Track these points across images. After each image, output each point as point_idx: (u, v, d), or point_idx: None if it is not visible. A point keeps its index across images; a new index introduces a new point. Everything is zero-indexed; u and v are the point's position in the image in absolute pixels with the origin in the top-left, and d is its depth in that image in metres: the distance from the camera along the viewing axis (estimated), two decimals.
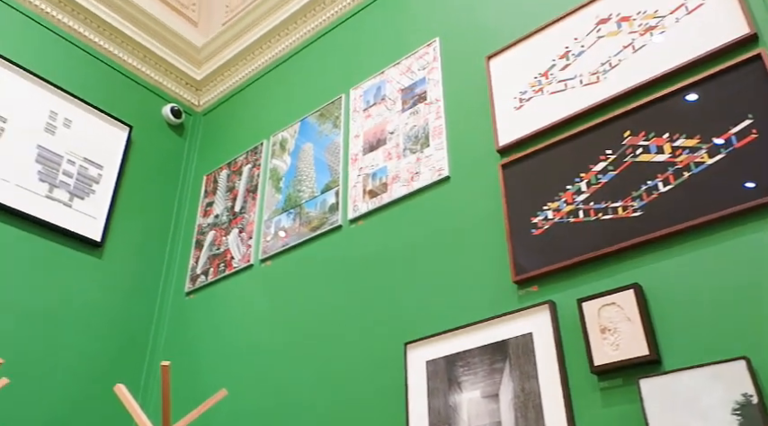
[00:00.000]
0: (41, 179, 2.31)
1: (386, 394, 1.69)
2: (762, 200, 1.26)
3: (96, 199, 2.46)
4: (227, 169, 2.70)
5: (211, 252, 2.50)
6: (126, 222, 2.56)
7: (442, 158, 1.90)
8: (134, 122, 2.73)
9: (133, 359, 2.39)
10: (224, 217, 2.56)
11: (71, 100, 2.50)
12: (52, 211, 2.30)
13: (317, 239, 2.14)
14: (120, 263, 2.49)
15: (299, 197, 2.28)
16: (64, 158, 2.41)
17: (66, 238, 2.34)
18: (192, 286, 2.49)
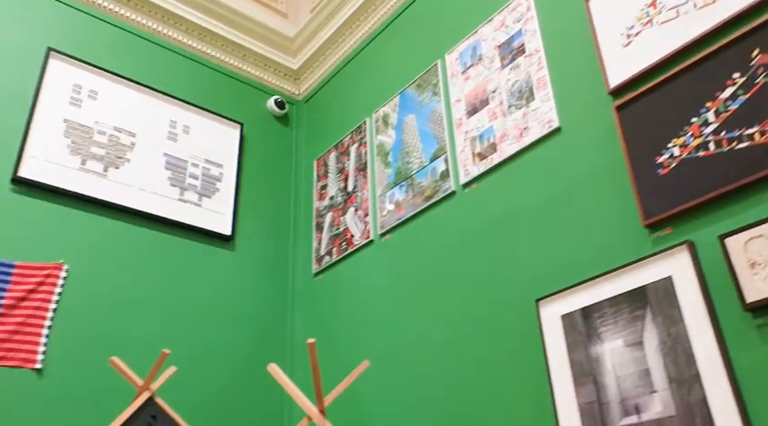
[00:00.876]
0: (172, 184, 2.50)
1: (522, 354, 1.70)
2: None
3: (221, 196, 2.63)
4: (335, 151, 2.78)
5: (332, 232, 2.60)
6: (250, 214, 2.72)
7: (549, 109, 1.85)
8: (244, 119, 2.88)
9: (275, 340, 2.56)
10: (339, 197, 2.64)
11: (186, 107, 2.67)
12: (186, 212, 2.49)
13: (432, 208, 2.17)
14: (251, 253, 2.65)
15: (409, 169, 2.31)
16: (188, 162, 2.59)
17: (201, 235, 2.52)
18: (319, 267, 2.61)
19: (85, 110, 2.37)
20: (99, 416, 2.03)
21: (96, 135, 2.37)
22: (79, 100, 2.37)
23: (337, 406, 2.22)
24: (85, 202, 2.26)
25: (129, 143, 2.45)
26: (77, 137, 2.32)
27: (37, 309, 2.03)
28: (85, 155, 2.31)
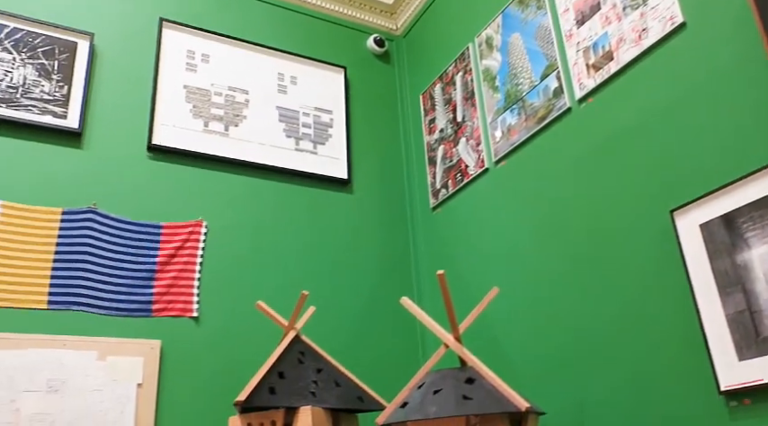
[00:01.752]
0: (287, 135, 2.60)
1: (659, 268, 1.64)
2: None
3: (334, 142, 2.69)
4: (439, 83, 2.74)
5: (445, 165, 2.60)
6: (363, 156, 2.77)
7: (671, 4, 1.69)
8: (346, 63, 2.90)
9: (401, 275, 2.64)
10: (448, 129, 2.62)
11: (291, 58, 2.73)
12: (303, 161, 2.58)
13: (548, 128, 2.09)
14: (368, 194, 2.72)
15: (519, 90, 2.23)
16: (299, 112, 2.67)
17: (320, 182, 2.61)
18: (436, 200, 2.63)
19: (201, 74, 2.50)
20: (251, 356, 2.22)
21: (214, 96, 2.50)
22: (194, 65, 2.50)
23: (469, 333, 2.28)
24: (212, 161, 2.41)
25: (243, 100, 2.55)
26: (197, 101, 2.45)
27: (186, 264, 2.22)
28: (207, 117, 2.45)
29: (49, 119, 2.14)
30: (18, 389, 1.84)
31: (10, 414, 1.80)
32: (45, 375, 1.88)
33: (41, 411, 1.85)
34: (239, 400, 1.64)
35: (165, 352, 2.08)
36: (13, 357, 1.86)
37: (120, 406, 1.95)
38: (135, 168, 2.26)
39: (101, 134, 2.24)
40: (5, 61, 2.13)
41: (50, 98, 2.16)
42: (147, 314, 2.10)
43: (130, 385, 1.99)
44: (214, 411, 2.09)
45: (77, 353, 1.95)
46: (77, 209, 2.10)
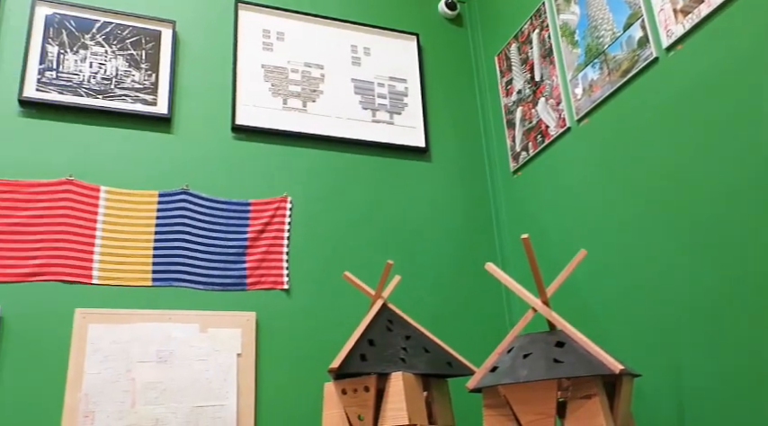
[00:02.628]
0: (364, 107, 2.62)
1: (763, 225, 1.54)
2: None
3: (410, 111, 2.69)
4: (515, 42, 2.66)
5: (524, 127, 2.54)
6: (440, 123, 2.76)
7: None
8: (418, 29, 2.87)
9: (484, 241, 2.63)
10: (526, 90, 2.55)
11: (363, 29, 2.73)
12: (381, 132, 2.60)
13: (633, 81, 2.00)
14: (447, 161, 2.70)
15: (600, 44, 2.13)
16: (374, 83, 2.67)
17: (399, 152, 2.62)
18: (516, 164, 2.58)
19: (277, 52, 2.55)
20: (340, 324, 2.29)
21: (290, 74, 2.55)
22: (270, 44, 2.55)
23: (556, 297, 2.24)
24: (293, 138, 2.47)
25: (319, 75, 2.59)
26: (275, 79, 2.51)
27: (275, 238, 2.30)
28: (285, 94, 2.50)
29: (140, 107, 2.25)
30: (132, 360, 1.99)
31: (127, 383, 1.96)
32: (155, 347, 2.03)
33: (154, 379, 1.99)
34: (333, 367, 1.70)
35: (260, 323, 2.19)
36: (127, 331, 2.01)
37: (223, 375, 2.07)
38: (221, 149, 2.35)
39: (188, 118, 2.34)
40: (99, 54, 2.26)
41: (141, 87, 2.28)
42: (242, 287, 2.21)
43: (231, 354, 2.11)
44: (309, 377, 2.19)
45: (182, 326, 2.08)
46: (172, 191, 2.22)
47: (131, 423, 1.92)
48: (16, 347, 1.90)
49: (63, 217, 2.05)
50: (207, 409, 2.01)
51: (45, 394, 1.89)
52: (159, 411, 1.96)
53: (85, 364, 1.94)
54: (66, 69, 2.20)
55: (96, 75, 2.23)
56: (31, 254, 1.99)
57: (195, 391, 2.02)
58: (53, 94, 2.15)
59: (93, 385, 1.92)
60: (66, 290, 2.00)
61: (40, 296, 1.97)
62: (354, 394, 1.74)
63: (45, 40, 2.20)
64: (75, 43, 2.24)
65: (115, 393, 1.93)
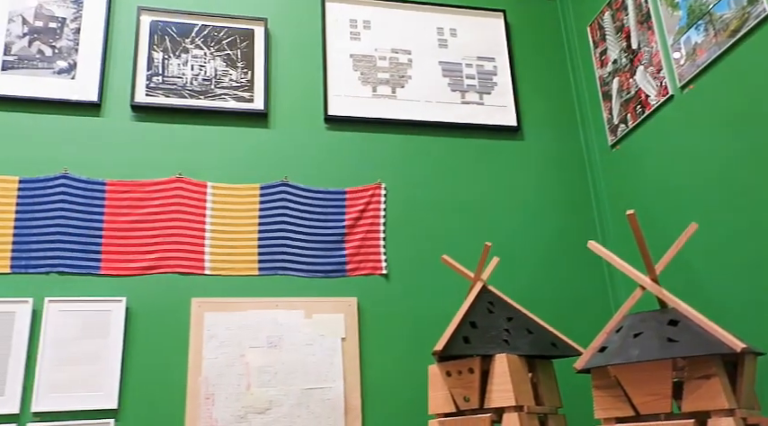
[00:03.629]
0: (452, 89, 2.60)
1: None
2: None
3: (500, 90, 2.64)
4: (608, 10, 2.55)
5: (622, 98, 2.43)
6: (532, 100, 2.69)
7: None
8: (504, 5, 2.81)
9: (582, 218, 2.55)
10: (623, 59, 2.44)
11: (448, 10, 2.71)
12: (471, 113, 2.58)
13: (743, 41, 1.86)
14: (540, 139, 2.64)
15: (704, 3, 2.00)
16: (462, 64, 2.65)
17: (490, 132, 2.59)
18: (614, 137, 2.48)
19: (364, 41, 2.58)
20: (440, 307, 2.30)
21: (378, 61, 2.57)
22: (357, 33, 2.58)
23: (664, 275, 2.15)
24: (384, 124, 2.49)
25: (406, 61, 2.60)
26: (364, 68, 2.54)
27: (371, 224, 2.35)
28: (374, 82, 2.53)
29: (238, 105, 2.35)
30: (245, 345, 2.10)
31: (242, 367, 2.07)
32: (265, 332, 2.13)
33: (266, 363, 2.10)
34: (437, 349, 1.72)
35: (362, 308, 2.24)
36: (239, 318, 2.13)
37: (329, 358, 2.14)
38: (315, 140, 2.42)
39: (283, 112, 2.42)
40: (199, 57, 2.38)
41: (238, 85, 2.38)
42: (342, 274, 2.27)
43: (335, 339, 2.18)
44: (412, 359, 2.22)
45: (288, 313, 2.17)
46: (272, 183, 2.31)
47: (248, 404, 2.03)
48: (142, 335, 2.05)
49: (175, 213, 2.19)
50: (316, 391, 2.09)
51: (169, 378, 2.03)
52: (272, 393, 2.06)
53: (203, 350, 2.07)
54: (170, 73, 2.33)
55: (197, 76, 2.35)
56: (150, 249, 2.13)
57: (304, 374, 2.11)
58: (160, 98, 2.29)
59: (211, 369, 2.05)
60: (182, 281, 2.14)
61: (159, 287, 2.12)
62: (459, 375, 1.76)
63: (151, 47, 2.34)
64: (176, 48, 2.37)
65: (231, 376, 2.05)
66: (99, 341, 2.00)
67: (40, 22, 2.27)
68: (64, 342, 1.97)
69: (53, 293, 2.02)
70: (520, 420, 1.61)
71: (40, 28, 2.26)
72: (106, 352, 1.99)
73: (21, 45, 2.23)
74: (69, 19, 2.30)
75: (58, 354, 1.95)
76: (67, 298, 2.01)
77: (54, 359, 1.94)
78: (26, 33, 2.24)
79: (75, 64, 2.25)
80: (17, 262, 2.02)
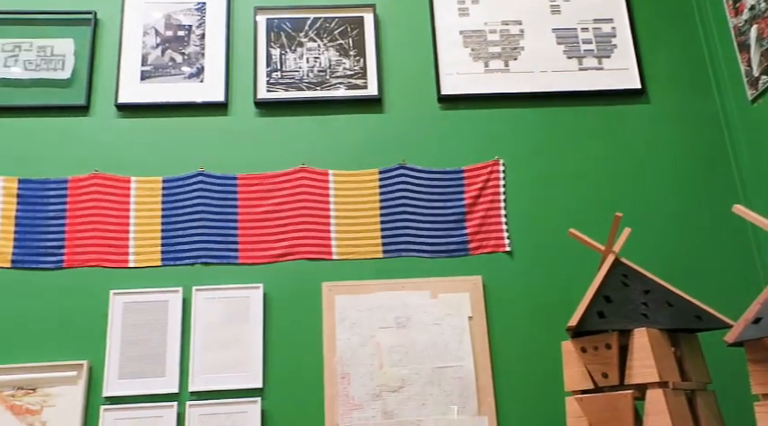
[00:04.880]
0: (568, 56, 2.49)
1: None
2: None
3: (621, 52, 2.50)
4: None
5: (762, 47, 2.22)
6: (656, 59, 2.52)
7: None
8: None
9: (720, 181, 2.37)
10: (761, 3, 2.22)
11: None
12: (590, 80, 2.46)
13: None
14: (668, 100, 2.48)
15: None
16: (577, 29, 2.53)
17: (612, 98, 2.46)
18: (755, 91, 2.26)
19: (473, 16, 2.53)
20: (568, 283, 2.24)
21: (489, 35, 2.52)
22: (465, 8, 2.54)
23: None
24: (498, 99, 2.44)
25: (518, 31, 2.52)
26: (474, 44, 2.50)
27: (491, 202, 2.32)
28: (486, 56, 2.49)
29: (353, 92, 2.41)
30: (375, 326, 2.16)
31: (373, 347, 2.14)
32: (393, 313, 2.18)
33: (396, 343, 2.15)
34: (571, 325, 1.68)
35: (487, 286, 2.23)
36: (367, 300, 2.19)
37: (458, 337, 2.16)
38: (430, 120, 2.42)
39: (396, 95, 2.44)
40: (313, 49, 2.45)
41: (351, 73, 2.43)
42: (465, 253, 2.27)
43: (462, 318, 2.18)
44: (542, 336, 2.18)
45: (414, 293, 2.21)
46: (390, 167, 2.34)
47: (382, 383, 2.10)
48: (279, 319, 2.17)
49: (301, 202, 2.28)
50: (446, 370, 2.12)
51: (307, 358, 2.14)
52: (404, 372, 2.11)
53: (336, 331, 2.15)
54: (287, 68, 2.43)
55: (313, 68, 2.43)
56: (280, 237, 2.24)
57: (434, 353, 2.13)
58: (280, 92, 2.39)
59: (344, 349, 2.13)
60: (312, 267, 2.23)
61: (292, 273, 2.22)
62: (595, 351, 1.70)
63: (268, 45, 2.45)
64: (292, 43, 2.46)
65: (364, 356, 2.12)
66: (241, 326, 2.14)
67: (170, 32, 2.44)
68: (211, 327, 2.13)
69: (199, 282, 2.18)
70: (665, 396, 1.54)
71: (170, 37, 2.44)
72: (248, 335, 2.13)
73: (155, 55, 2.41)
74: (195, 26, 2.46)
75: (206, 338, 2.11)
76: (211, 287, 2.17)
77: (204, 342, 2.11)
78: (159, 44, 2.43)
79: (202, 68, 2.40)
80: (166, 256, 2.20)
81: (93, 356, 2.09)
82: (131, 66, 2.37)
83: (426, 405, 2.08)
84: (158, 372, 2.06)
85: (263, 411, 2.06)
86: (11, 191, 2.22)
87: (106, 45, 2.42)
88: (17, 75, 2.34)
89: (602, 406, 1.64)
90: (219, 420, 2.03)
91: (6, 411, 2.00)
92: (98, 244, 2.19)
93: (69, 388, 2.03)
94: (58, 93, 2.34)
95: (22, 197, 2.22)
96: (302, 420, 2.07)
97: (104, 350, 2.08)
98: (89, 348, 2.10)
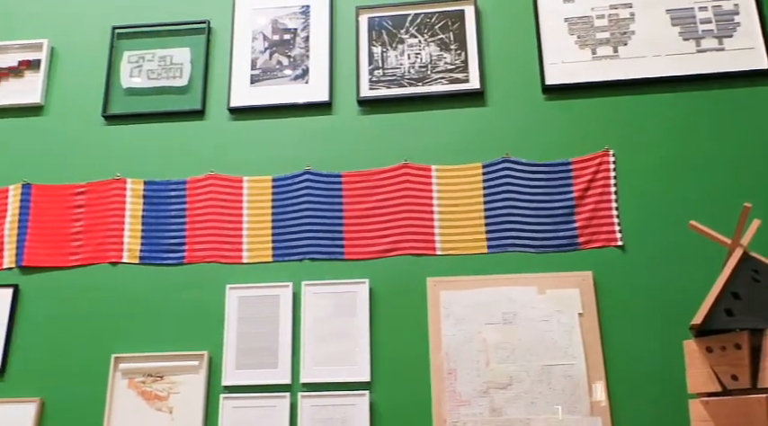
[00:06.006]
0: (685, 38, 2.34)
1: None
2: None
3: (744, 30, 2.32)
4: None
5: None
6: None
7: None
8: None
9: None
10: None
11: None
12: (709, 62, 2.30)
13: None
14: None
15: None
16: (694, 8, 2.37)
17: (734, 79, 2.29)
18: None
19: (578, 2, 2.44)
20: (687, 279, 2.11)
21: (596, 21, 2.41)
22: None
23: None
24: (606, 87, 2.34)
25: (628, 15, 2.40)
26: (580, 31, 2.40)
27: (601, 194, 2.22)
28: (593, 43, 2.39)
29: (455, 86, 2.39)
30: (481, 322, 2.14)
31: (479, 343, 2.11)
32: (500, 309, 2.14)
33: (502, 340, 2.11)
34: (695, 323, 1.58)
35: (598, 282, 2.14)
36: (472, 296, 2.17)
37: (567, 334, 2.09)
38: (535, 112, 2.36)
39: (499, 88, 2.40)
40: (414, 45, 2.46)
41: (453, 67, 2.41)
42: (574, 247, 2.19)
43: (572, 314, 2.11)
44: (659, 334, 2.07)
45: (521, 289, 2.16)
46: (494, 161, 2.31)
47: (489, 380, 2.07)
48: (385, 314, 2.20)
49: (405, 198, 2.29)
50: (556, 368, 2.06)
51: (413, 353, 2.15)
52: (512, 369, 2.07)
53: (441, 326, 2.15)
54: (389, 65, 2.45)
55: (414, 64, 2.43)
56: (385, 233, 2.27)
57: (542, 350, 2.08)
58: (382, 90, 2.42)
59: (450, 345, 2.12)
60: (416, 262, 2.24)
61: (396, 268, 2.24)
62: (723, 352, 1.59)
63: (370, 43, 2.48)
64: (393, 40, 2.48)
65: (471, 352, 2.10)
66: (349, 320, 2.18)
67: (277, 36, 2.53)
68: (320, 321, 2.19)
69: (307, 277, 2.25)
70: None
71: (277, 41, 2.53)
72: (356, 330, 2.17)
73: (263, 59, 2.51)
74: (299, 29, 2.53)
75: (316, 332, 2.17)
76: (319, 282, 2.23)
77: (313, 335, 2.17)
78: (266, 48, 2.52)
79: (307, 69, 2.47)
80: (277, 252, 2.29)
81: (212, 347, 2.21)
82: (242, 71, 2.48)
83: (536, 404, 2.03)
84: (271, 364, 2.15)
85: (372, 404, 2.09)
86: (137, 193, 2.39)
87: (218, 52, 2.55)
88: (140, 84, 2.52)
89: (733, 411, 1.53)
90: (330, 411, 2.08)
91: (138, 396, 2.16)
92: (214, 241, 2.31)
93: (192, 377, 2.16)
94: (177, 99, 2.49)
95: (148, 197, 2.38)
96: (410, 414, 2.08)
97: (222, 342, 2.20)
98: (208, 339, 2.22)
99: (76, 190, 2.42)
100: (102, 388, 2.18)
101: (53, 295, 2.31)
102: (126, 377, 2.18)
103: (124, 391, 2.16)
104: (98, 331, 2.26)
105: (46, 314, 2.29)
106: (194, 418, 2.12)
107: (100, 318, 2.27)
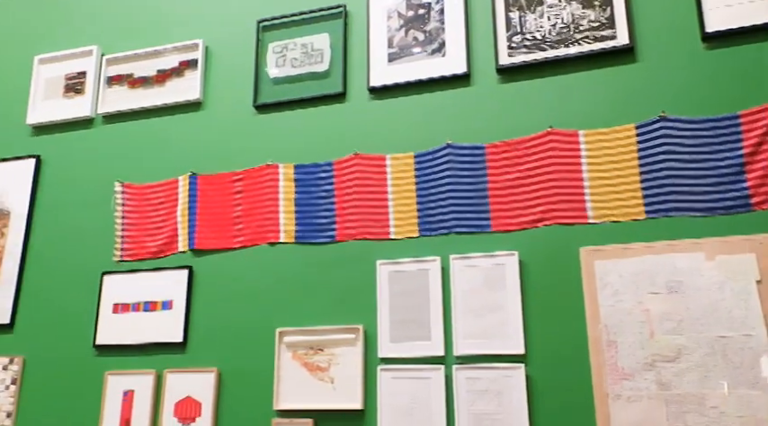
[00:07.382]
0: None
1: None
2: None
3: None
4: None
5: None
6: None
7: None
8: None
9: None
10: None
11: None
12: None
13: None
14: None
15: None
16: None
17: None
18: None
19: None
20: None
21: None
22: None
23: None
24: None
25: None
26: None
27: None
28: None
29: (601, 45, 2.25)
30: (643, 292, 2.02)
31: (641, 314, 2.00)
32: (662, 278, 2.01)
33: (667, 310, 1.98)
34: None
35: None
36: (631, 264, 2.05)
37: (743, 303, 1.92)
38: (694, 65, 2.16)
39: (653, 41, 2.22)
40: (554, 6, 2.34)
41: (597, 24, 2.27)
42: (747, 208, 1.99)
43: (748, 281, 1.93)
44: None
45: (685, 255, 2.01)
46: (648, 121, 2.15)
47: (654, 352, 1.96)
48: (536, 285, 2.14)
49: (552, 165, 2.21)
50: (731, 339, 1.90)
51: (569, 325, 2.08)
52: (680, 341, 1.94)
53: (598, 297, 2.05)
54: (528, 29, 2.36)
55: (555, 26, 2.32)
56: (533, 203, 2.21)
57: (714, 321, 1.93)
58: (522, 56, 2.34)
59: (609, 316, 2.03)
60: (567, 231, 2.16)
61: (546, 239, 2.17)
62: None
63: (507, 9, 2.40)
64: (531, 3, 2.38)
65: (632, 324, 2.00)
66: (499, 293, 2.16)
67: (411, 12, 2.53)
68: (470, 294, 2.18)
69: (455, 251, 2.25)
70: None
71: (411, 17, 2.53)
72: (507, 302, 2.14)
73: (399, 36, 2.52)
74: (433, 2, 2.51)
75: (466, 305, 2.17)
76: (467, 255, 2.22)
77: (464, 309, 2.17)
78: (402, 25, 2.53)
79: (443, 42, 2.45)
80: (423, 227, 2.31)
81: (367, 321, 2.28)
82: (379, 50, 2.51)
83: (710, 378, 1.89)
84: (424, 336, 2.18)
85: (528, 376, 2.06)
86: (289, 176, 2.52)
87: (356, 34, 2.60)
88: (285, 72, 2.64)
89: None
90: (485, 384, 2.08)
91: (302, 367, 2.29)
92: (362, 219, 2.38)
93: (349, 349, 2.26)
94: (319, 84, 2.58)
95: (298, 180, 2.51)
96: (568, 387, 2.03)
97: (375, 316, 2.27)
98: (363, 313, 2.30)
99: (235, 177, 2.59)
100: (270, 360, 2.35)
101: (222, 274, 2.51)
102: (290, 350, 2.32)
103: (289, 362, 2.31)
104: (263, 306, 2.43)
105: (217, 292, 2.50)
106: (354, 388, 2.21)
107: (263, 295, 2.44)
